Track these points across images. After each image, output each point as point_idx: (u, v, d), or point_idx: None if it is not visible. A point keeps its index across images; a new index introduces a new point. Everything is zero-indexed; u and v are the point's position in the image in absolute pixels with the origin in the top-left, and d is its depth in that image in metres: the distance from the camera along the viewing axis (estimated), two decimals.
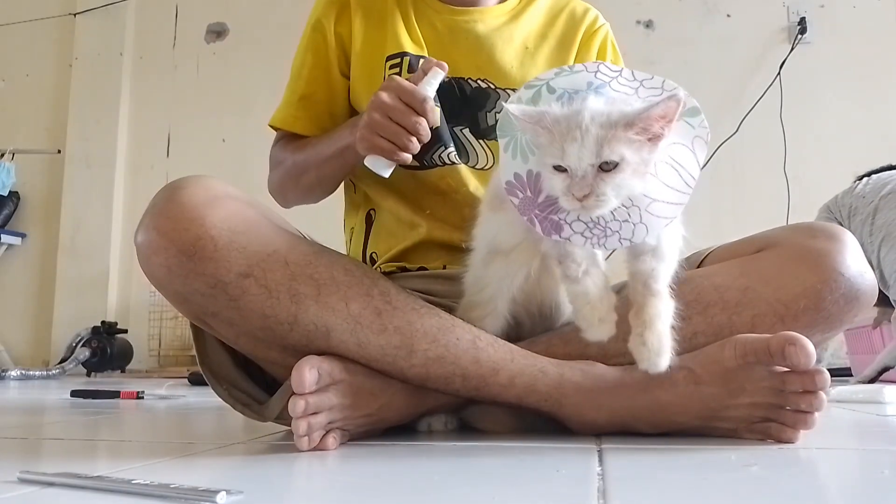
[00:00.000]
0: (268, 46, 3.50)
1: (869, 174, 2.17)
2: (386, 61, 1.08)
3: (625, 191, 0.69)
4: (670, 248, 0.76)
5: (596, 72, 0.75)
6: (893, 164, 2.19)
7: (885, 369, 1.80)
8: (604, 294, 0.75)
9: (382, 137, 0.88)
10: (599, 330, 0.76)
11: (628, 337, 0.87)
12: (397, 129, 0.87)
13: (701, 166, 0.75)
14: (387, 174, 0.91)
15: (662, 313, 0.75)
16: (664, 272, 0.75)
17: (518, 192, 0.74)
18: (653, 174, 0.70)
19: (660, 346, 0.74)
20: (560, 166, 0.69)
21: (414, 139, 0.87)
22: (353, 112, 1.13)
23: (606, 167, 0.68)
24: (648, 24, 3.26)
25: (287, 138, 1.14)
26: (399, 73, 1.07)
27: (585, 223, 0.72)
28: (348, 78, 1.12)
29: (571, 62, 1.14)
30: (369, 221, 1.12)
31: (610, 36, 1.20)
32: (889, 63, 3.06)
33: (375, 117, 0.87)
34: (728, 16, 3.22)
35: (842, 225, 2.06)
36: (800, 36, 3.10)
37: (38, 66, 3.79)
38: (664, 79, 0.76)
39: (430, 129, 0.90)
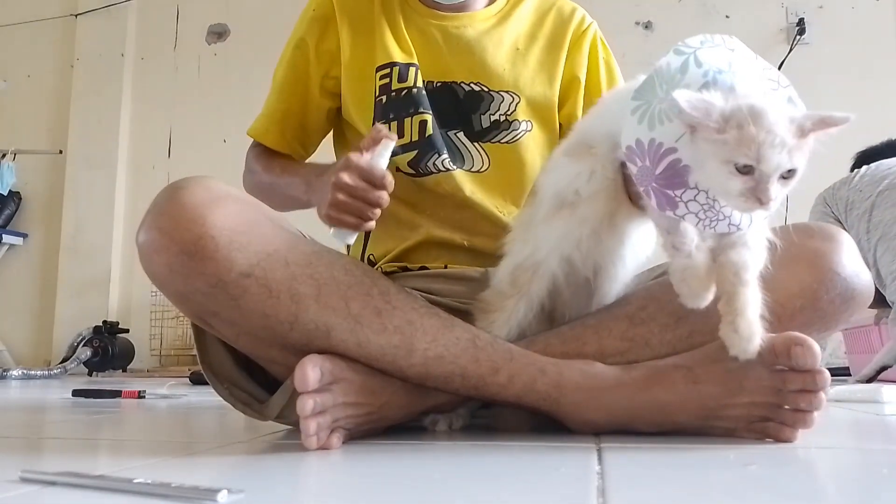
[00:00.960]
0: (269, 47, 3.47)
1: (863, 157, 2.14)
2: (376, 72, 1.09)
3: (783, 198, 0.71)
4: (760, 242, 0.78)
5: (733, 50, 0.75)
6: (893, 138, 2.16)
7: (884, 368, 1.80)
8: (709, 273, 0.77)
9: (348, 214, 0.91)
10: (704, 300, 0.77)
11: (627, 334, 0.88)
12: (360, 205, 0.90)
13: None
14: (352, 240, 0.98)
15: (752, 302, 0.75)
16: (754, 263, 0.76)
17: (637, 160, 0.74)
18: None
19: (751, 333, 0.75)
20: (746, 168, 0.68)
21: (377, 210, 0.91)
22: (329, 127, 1.18)
23: (788, 175, 0.70)
24: (647, 26, 3.27)
25: (261, 148, 1.18)
26: (389, 83, 1.08)
27: (701, 204, 0.73)
28: (338, 94, 1.13)
29: (562, 63, 1.14)
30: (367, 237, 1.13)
31: (598, 34, 1.20)
32: (888, 63, 3.06)
33: (339, 198, 0.90)
34: (727, 17, 3.22)
35: (838, 219, 2.05)
36: (798, 37, 3.11)
37: (39, 66, 3.80)
38: (779, 72, 0.77)
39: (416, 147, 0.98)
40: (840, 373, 2.17)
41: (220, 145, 3.52)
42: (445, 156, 1.06)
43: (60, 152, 3.66)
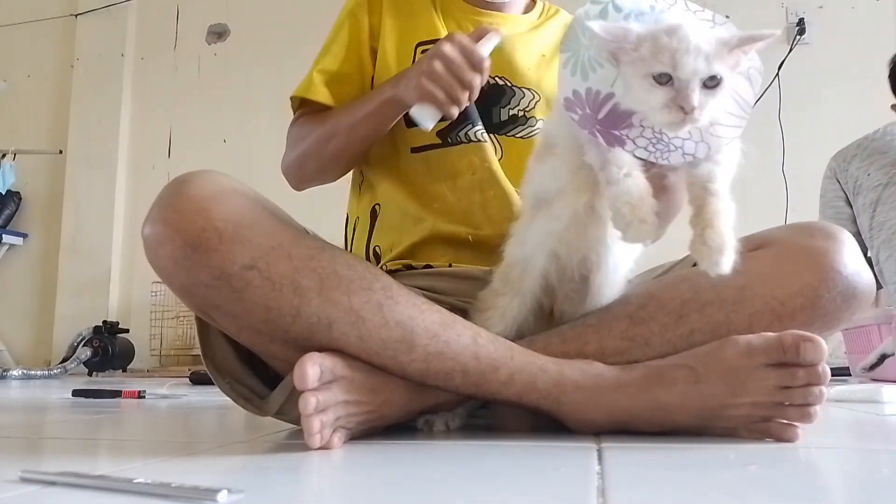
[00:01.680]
0: (269, 47, 3.50)
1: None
2: (416, 47, 1.11)
3: (713, 111, 0.70)
4: (728, 155, 0.77)
5: None
6: None
7: (885, 356, 1.80)
8: (645, 195, 0.72)
9: (438, 87, 0.92)
10: (640, 230, 0.71)
11: (627, 333, 0.88)
12: (453, 81, 0.92)
13: (756, 95, 0.77)
14: (430, 126, 0.96)
15: (722, 212, 0.72)
16: (722, 174, 0.75)
17: (577, 110, 0.75)
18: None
19: (721, 244, 0.70)
20: (663, 78, 0.68)
21: (466, 94, 0.92)
22: None
23: (711, 83, 0.69)
24: None
25: (309, 116, 1.14)
26: None
27: (648, 139, 0.73)
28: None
29: None
30: (374, 216, 1.13)
31: None
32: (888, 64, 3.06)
33: (436, 67, 0.91)
34: (726, 17, 3.20)
35: (847, 196, 2.04)
36: (798, 37, 3.11)
37: (39, 66, 3.80)
38: (713, 12, 0.79)
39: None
40: (840, 373, 2.17)
41: (220, 145, 3.52)
42: (480, 127, 1.08)
43: (60, 152, 3.67)
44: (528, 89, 1.12)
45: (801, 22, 3.11)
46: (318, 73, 1.13)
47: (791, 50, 3.09)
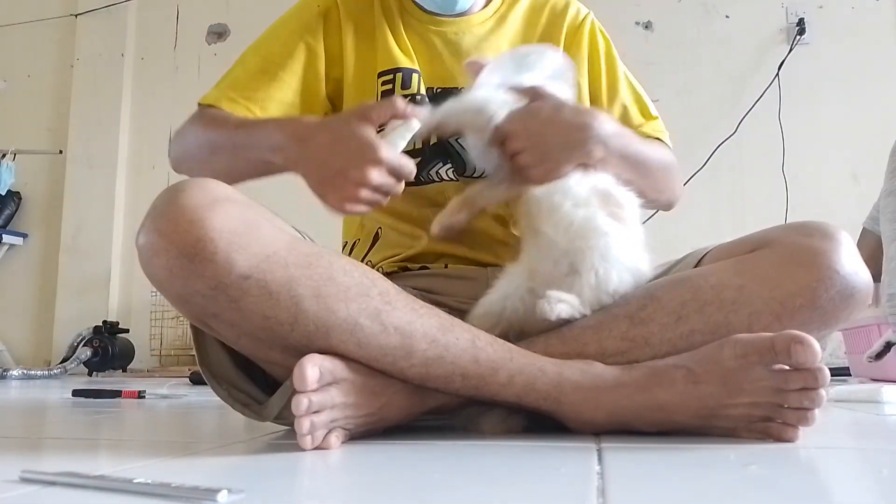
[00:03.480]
0: None
1: None
2: (378, 77, 1.09)
3: None
4: None
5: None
6: None
7: (890, 344, 1.78)
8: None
9: (364, 205, 0.88)
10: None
11: (627, 334, 0.88)
12: (379, 197, 0.88)
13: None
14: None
15: None
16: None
17: None
18: None
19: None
20: None
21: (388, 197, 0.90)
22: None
23: None
24: (647, 26, 3.26)
25: (202, 114, 1.09)
26: (392, 90, 1.08)
27: None
28: (335, 97, 1.11)
29: None
30: (376, 239, 1.13)
31: (596, 25, 1.19)
32: (887, 64, 3.06)
33: (363, 195, 0.86)
34: (727, 17, 3.22)
35: None
36: (798, 37, 3.11)
37: (39, 66, 3.79)
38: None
39: (420, 154, 1.01)
40: (840, 373, 2.17)
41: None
42: (449, 165, 1.07)
43: (60, 152, 3.66)
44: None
45: (801, 22, 3.11)
46: (230, 85, 1.09)
47: (791, 50, 3.09)
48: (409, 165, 0.88)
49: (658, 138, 1.17)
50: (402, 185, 0.89)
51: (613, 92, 1.18)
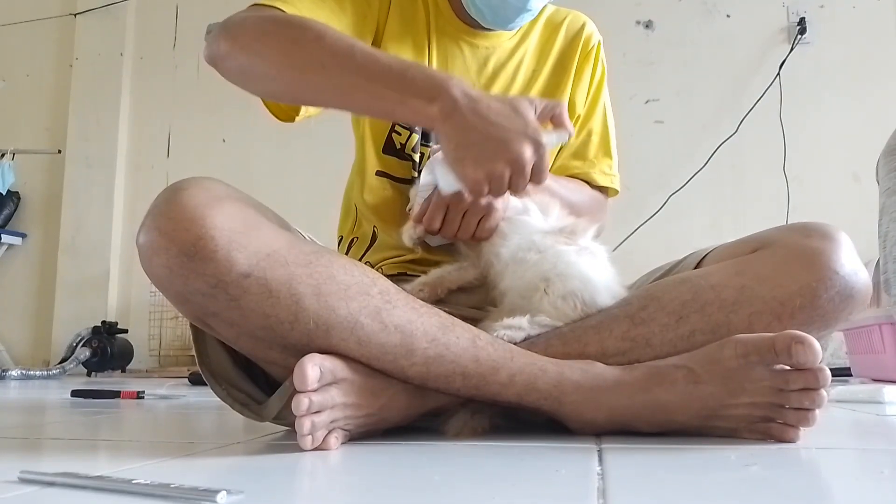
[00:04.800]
0: None
1: None
2: None
3: None
4: None
5: None
6: None
7: None
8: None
9: (489, 187, 0.83)
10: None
11: (628, 334, 0.88)
12: (503, 188, 0.84)
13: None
14: (448, 192, 0.91)
15: None
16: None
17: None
18: None
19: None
20: None
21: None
22: None
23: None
24: (648, 25, 3.26)
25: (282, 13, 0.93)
26: None
27: None
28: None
29: (568, 86, 1.17)
30: (374, 239, 1.13)
31: (602, 52, 1.22)
32: (889, 63, 3.06)
33: (500, 171, 0.82)
34: (728, 16, 3.22)
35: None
36: (799, 36, 3.10)
37: (38, 66, 3.79)
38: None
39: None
40: (841, 373, 2.17)
41: (219, 145, 3.52)
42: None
43: (59, 152, 3.66)
44: None
45: (801, 21, 3.11)
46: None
47: (792, 49, 3.09)
48: (547, 168, 0.84)
49: (602, 188, 1.20)
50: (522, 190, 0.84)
51: (587, 119, 1.21)
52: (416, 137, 1.09)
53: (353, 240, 1.17)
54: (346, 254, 1.16)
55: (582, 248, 0.93)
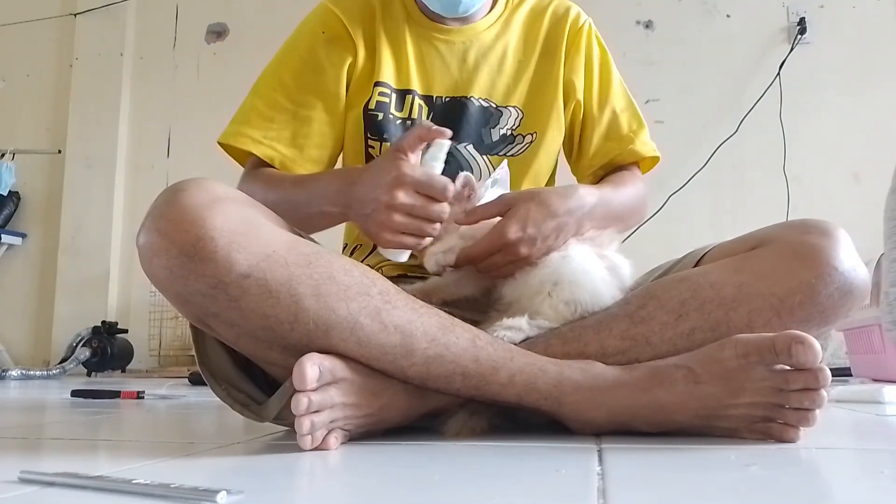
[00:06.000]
0: (268, 46, 3.46)
1: None
2: (374, 86, 1.10)
3: None
4: None
5: None
6: None
7: None
8: None
9: (406, 236, 0.88)
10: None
11: (627, 333, 0.88)
12: (420, 223, 0.87)
13: None
14: (404, 259, 0.93)
15: None
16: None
17: None
18: None
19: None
20: None
21: (438, 224, 0.89)
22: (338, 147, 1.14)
23: None
24: (648, 25, 3.26)
25: (252, 168, 1.13)
26: (388, 102, 1.10)
27: None
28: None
29: (561, 70, 1.16)
30: (375, 246, 1.13)
31: (594, 32, 1.21)
32: (889, 63, 3.06)
33: (397, 220, 0.87)
34: (728, 16, 3.22)
35: None
36: (799, 36, 3.10)
37: (38, 66, 3.79)
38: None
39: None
40: (841, 373, 2.17)
41: (219, 145, 3.52)
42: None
43: (59, 152, 3.66)
44: (513, 107, 1.13)
45: (801, 21, 3.11)
46: (252, 123, 1.15)
47: (792, 49, 3.09)
48: (440, 181, 0.87)
49: (635, 162, 1.20)
50: (446, 206, 0.88)
51: (604, 98, 1.20)
52: (388, 145, 1.10)
53: (356, 247, 1.17)
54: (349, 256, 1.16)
55: (604, 256, 0.93)
